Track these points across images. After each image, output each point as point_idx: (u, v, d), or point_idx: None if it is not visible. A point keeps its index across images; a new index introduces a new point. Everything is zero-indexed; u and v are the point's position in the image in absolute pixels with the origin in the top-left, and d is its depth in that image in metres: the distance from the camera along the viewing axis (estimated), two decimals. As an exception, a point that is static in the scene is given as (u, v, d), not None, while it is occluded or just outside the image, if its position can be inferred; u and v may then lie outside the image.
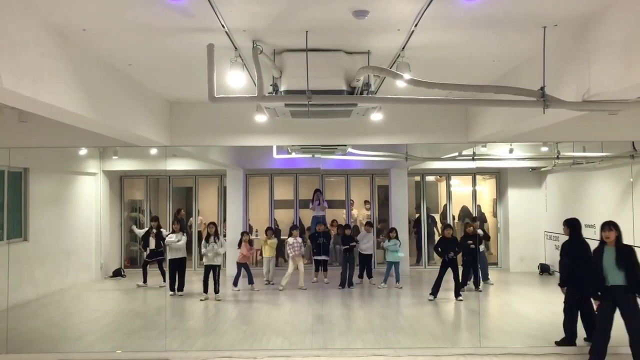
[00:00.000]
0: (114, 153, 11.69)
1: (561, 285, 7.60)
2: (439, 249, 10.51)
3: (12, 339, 7.69)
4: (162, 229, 11.30)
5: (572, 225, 7.63)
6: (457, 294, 10.11)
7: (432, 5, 4.18)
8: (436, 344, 7.77)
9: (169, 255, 10.70)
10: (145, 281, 11.28)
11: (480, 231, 11.27)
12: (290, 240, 11.28)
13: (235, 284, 11.28)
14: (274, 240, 11.87)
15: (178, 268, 10.67)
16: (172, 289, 10.55)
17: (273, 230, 12.16)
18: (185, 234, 10.95)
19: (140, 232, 11.71)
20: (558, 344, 7.47)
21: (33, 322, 9.07)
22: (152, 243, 11.24)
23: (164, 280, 11.08)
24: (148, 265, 11.37)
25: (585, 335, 7.46)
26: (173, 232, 10.78)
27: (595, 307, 6.95)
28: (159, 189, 13.18)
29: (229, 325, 9.07)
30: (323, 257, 11.64)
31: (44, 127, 7.47)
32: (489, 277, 11.63)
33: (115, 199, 12.58)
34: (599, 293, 6.68)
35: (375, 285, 11.56)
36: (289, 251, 11.30)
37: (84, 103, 5.22)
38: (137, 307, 10.56)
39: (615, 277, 6.48)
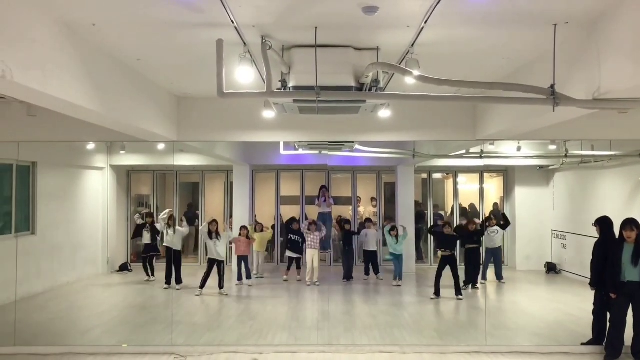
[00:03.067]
0: (121, 148, 11.72)
1: (591, 285, 7.36)
2: (437, 243, 10.49)
3: (19, 331, 7.73)
4: (156, 224, 11.31)
5: (603, 224, 7.42)
6: (457, 292, 10.03)
7: (442, 2, 4.17)
8: (442, 341, 7.77)
9: (165, 244, 10.79)
10: (153, 274, 11.36)
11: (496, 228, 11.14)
12: (309, 235, 11.23)
13: (238, 278, 11.23)
14: (264, 234, 11.89)
15: (174, 260, 10.63)
16: (167, 282, 10.57)
17: (262, 225, 12.13)
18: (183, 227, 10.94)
19: (137, 218, 11.78)
20: (585, 345, 7.33)
21: (40, 315, 9.12)
22: (147, 237, 11.28)
23: (148, 275, 11.30)
24: (147, 260, 11.44)
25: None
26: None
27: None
28: (166, 184, 13.21)
29: (235, 320, 9.10)
30: (296, 255, 11.62)
31: (52, 121, 7.48)
32: (486, 278, 11.19)
33: (123, 193, 12.62)
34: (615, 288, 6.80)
35: (383, 280, 11.60)
36: (307, 245, 11.25)
37: (92, 97, 5.24)
38: (144, 302, 10.60)
39: (631, 273, 6.66)
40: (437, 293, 10.01)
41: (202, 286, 10.34)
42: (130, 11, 4.48)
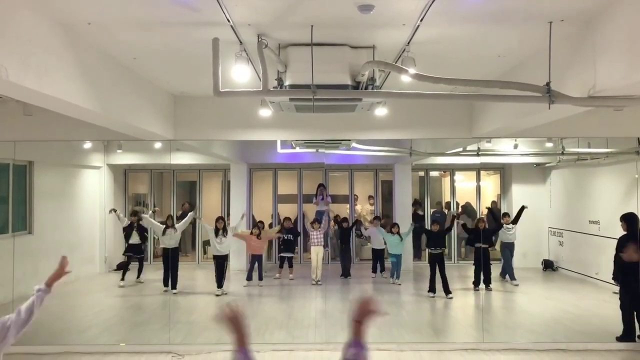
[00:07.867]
0: (118, 147, 11.69)
1: (614, 279, 7.65)
2: (428, 242, 10.46)
3: (16, 331, 7.72)
4: (142, 223, 11.11)
5: (629, 220, 7.56)
6: (446, 291, 9.94)
7: (438, 0, 4.17)
8: (439, 339, 7.78)
9: (163, 244, 10.66)
10: (139, 276, 11.10)
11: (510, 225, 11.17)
12: (312, 232, 11.21)
13: (248, 277, 11.07)
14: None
15: (171, 260, 10.49)
16: (165, 284, 10.38)
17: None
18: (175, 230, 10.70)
19: (123, 220, 11.32)
20: (618, 339, 7.46)
21: (37, 314, 9.09)
22: (135, 237, 11.10)
23: (138, 277, 11.02)
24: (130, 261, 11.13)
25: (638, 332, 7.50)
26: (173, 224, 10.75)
27: None
28: (163, 182, 13.19)
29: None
30: (288, 254, 11.66)
31: (48, 120, 7.49)
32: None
33: (120, 192, 12.59)
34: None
35: (387, 279, 11.60)
36: (310, 243, 11.26)
37: (88, 96, 5.23)
38: (141, 301, 10.59)
39: None
40: (432, 291, 9.99)
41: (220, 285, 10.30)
42: (125, 10, 4.47)
